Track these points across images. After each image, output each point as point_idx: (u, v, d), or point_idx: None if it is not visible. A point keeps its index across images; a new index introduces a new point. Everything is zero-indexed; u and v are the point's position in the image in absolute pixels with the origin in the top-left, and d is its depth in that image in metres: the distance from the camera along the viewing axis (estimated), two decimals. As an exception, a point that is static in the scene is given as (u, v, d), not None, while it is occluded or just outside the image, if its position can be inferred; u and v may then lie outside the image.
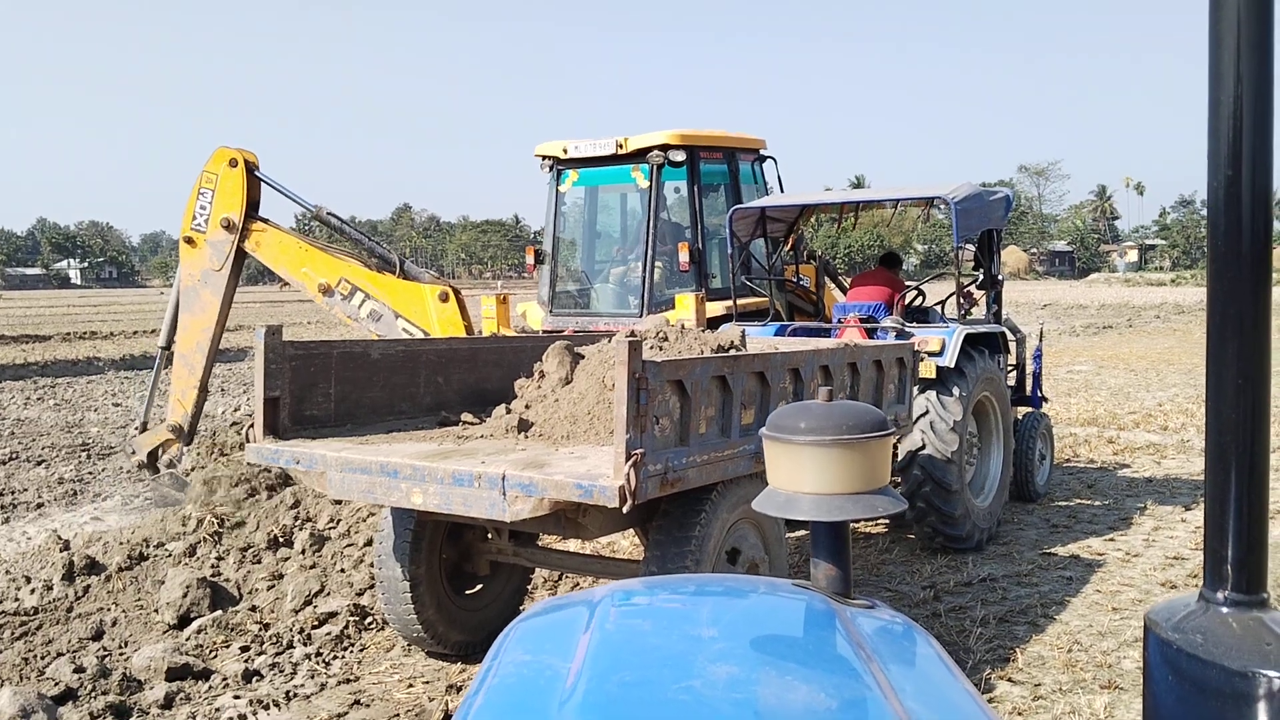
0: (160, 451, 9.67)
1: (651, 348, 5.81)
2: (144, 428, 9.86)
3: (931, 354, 7.75)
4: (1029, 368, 10.30)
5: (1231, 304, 1.55)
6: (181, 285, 9.49)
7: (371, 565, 7.01)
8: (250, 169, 9.33)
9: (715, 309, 9.52)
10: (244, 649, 6.23)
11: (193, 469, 9.48)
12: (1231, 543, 1.56)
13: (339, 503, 8.16)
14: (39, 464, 12.45)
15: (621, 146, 9.89)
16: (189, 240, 9.38)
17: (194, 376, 9.46)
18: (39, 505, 10.38)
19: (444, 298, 9.34)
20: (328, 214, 9.64)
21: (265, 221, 9.47)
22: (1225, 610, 1.57)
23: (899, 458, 7.86)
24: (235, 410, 16.26)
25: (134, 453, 9.83)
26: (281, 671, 5.92)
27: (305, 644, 6.30)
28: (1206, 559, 1.62)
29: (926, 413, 7.78)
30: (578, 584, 7.22)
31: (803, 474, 2.00)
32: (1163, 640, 1.59)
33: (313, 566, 7.38)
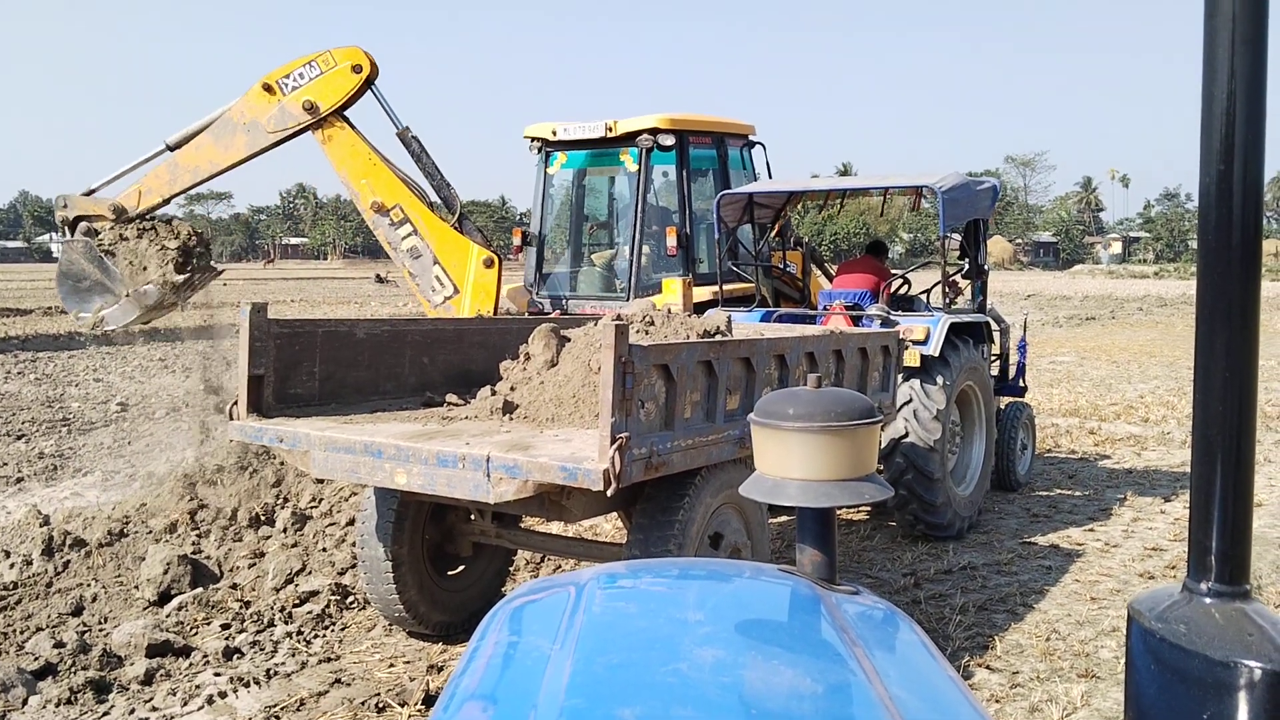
0: (89, 223, 9.21)
1: (638, 332, 5.81)
2: (91, 193, 9.34)
3: (916, 342, 7.78)
4: (1013, 358, 10.34)
5: (1221, 297, 1.56)
6: (228, 115, 9.21)
7: (353, 544, 7.00)
8: (369, 82, 9.22)
9: (702, 294, 9.52)
10: (225, 626, 6.22)
11: (111, 246, 9.10)
12: (1216, 534, 1.58)
13: (321, 482, 8.15)
14: (19, 438, 12.38)
15: (611, 130, 9.86)
16: (267, 88, 9.16)
17: (169, 187, 9.24)
18: (19, 480, 10.32)
19: (489, 264, 9.35)
20: (411, 137, 9.53)
21: (347, 122, 9.31)
22: (1208, 601, 1.58)
23: (882, 445, 7.89)
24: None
25: (65, 206, 9.26)
26: (262, 649, 5.92)
27: (286, 622, 6.29)
28: (1191, 550, 1.63)
29: (910, 401, 7.81)
30: (560, 566, 7.23)
31: (790, 460, 2.00)
32: (1146, 630, 1.60)
33: (294, 545, 7.37)
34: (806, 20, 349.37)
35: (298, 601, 6.57)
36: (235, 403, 5.37)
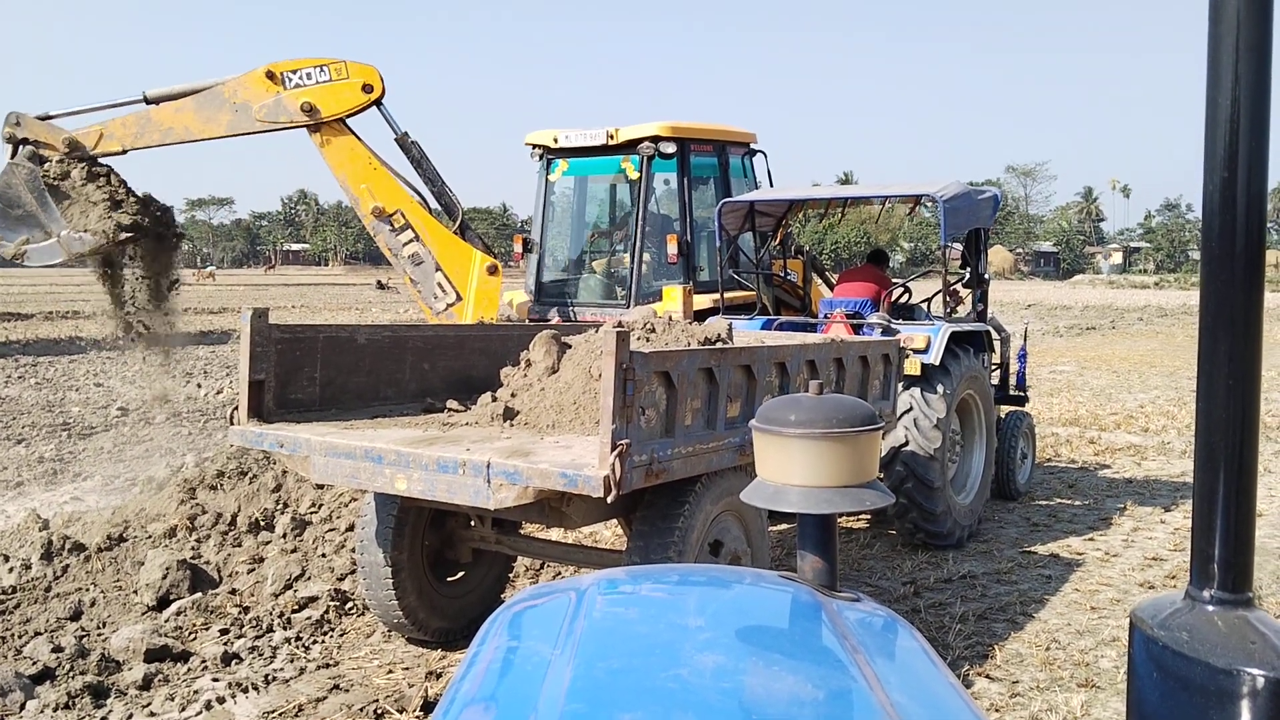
0: (36, 149, 8.74)
1: (639, 339, 5.81)
2: (48, 119, 8.94)
3: (917, 351, 7.78)
4: (1013, 367, 10.34)
5: (1224, 305, 1.56)
6: (220, 89, 8.94)
7: (353, 550, 7.00)
8: (375, 103, 9.13)
9: (703, 302, 9.53)
10: (223, 632, 6.21)
11: (56, 180, 8.73)
12: (1219, 542, 1.57)
13: (321, 487, 8.14)
14: (19, 443, 12.37)
15: (612, 137, 9.87)
16: (270, 76, 8.94)
17: (133, 138, 8.89)
18: (18, 484, 10.32)
19: (492, 270, 9.28)
20: (411, 142, 9.41)
21: (347, 126, 9.19)
22: (1211, 609, 1.58)
23: (882, 453, 7.89)
24: (218, 394, 16.19)
25: (16, 124, 8.74)
26: (261, 655, 5.91)
27: (285, 628, 6.28)
28: (1193, 557, 1.62)
29: (910, 409, 7.81)
30: (559, 573, 7.22)
31: (792, 466, 2.00)
32: (1148, 637, 1.60)
33: (294, 550, 7.36)
34: (807, 29, 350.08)
35: (297, 607, 6.56)
36: (236, 408, 5.37)
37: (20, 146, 8.72)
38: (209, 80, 9.06)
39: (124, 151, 8.92)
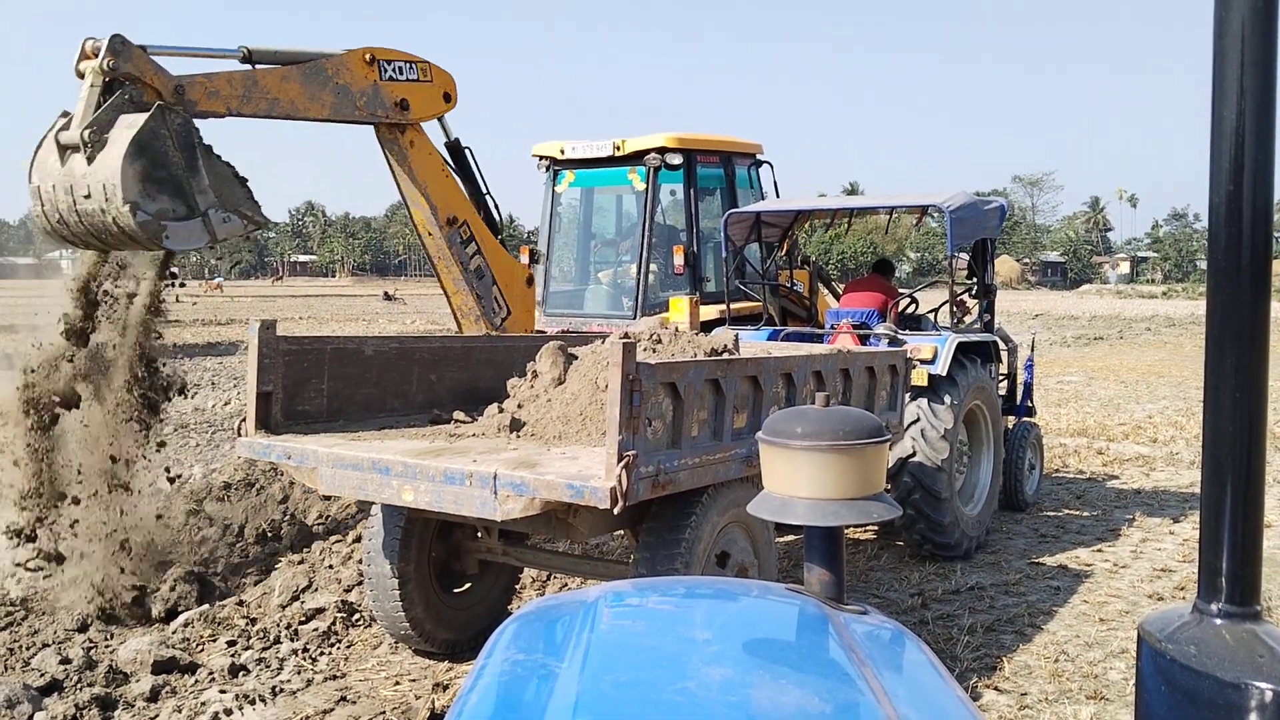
0: (129, 91, 6.74)
1: (645, 350, 5.82)
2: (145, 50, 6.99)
3: (924, 361, 7.77)
4: (1020, 377, 10.33)
5: (1231, 317, 1.56)
6: (323, 63, 7.91)
7: (360, 562, 7.00)
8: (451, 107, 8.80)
9: (709, 312, 9.53)
10: (230, 644, 6.21)
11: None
12: (1226, 555, 1.57)
13: (328, 499, 8.15)
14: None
15: (619, 148, 9.90)
16: (371, 60, 8.14)
17: (239, 102, 7.41)
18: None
19: (530, 282, 9.09)
20: (465, 148, 9.09)
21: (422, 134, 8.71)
22: (1219, 622, 1.58)
23: (889, 464, 7.87)
24: (226, 405, 16.22)
25: (117, 54, 6.69)
26: (268, 667, 5.91)
27: (292, 640, 6.28)
28: (1201, 571, 1.62)
29: (918, 420, 7.80)
30: (566, 584, 7.21)
31: (798, 478, 2.00)
32: (1156, 650, 1.60)
33: (301, 562, 7.37)
34: (813, 40, 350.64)
35: (304, 619, 6.56)
36: (244, 419, 5.38)
37: (114, 85, 6.76)
38: (310, 48, 8.08)
39: (226, 114, 7.44)
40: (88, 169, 6.43)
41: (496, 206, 9.53)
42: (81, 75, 6.72)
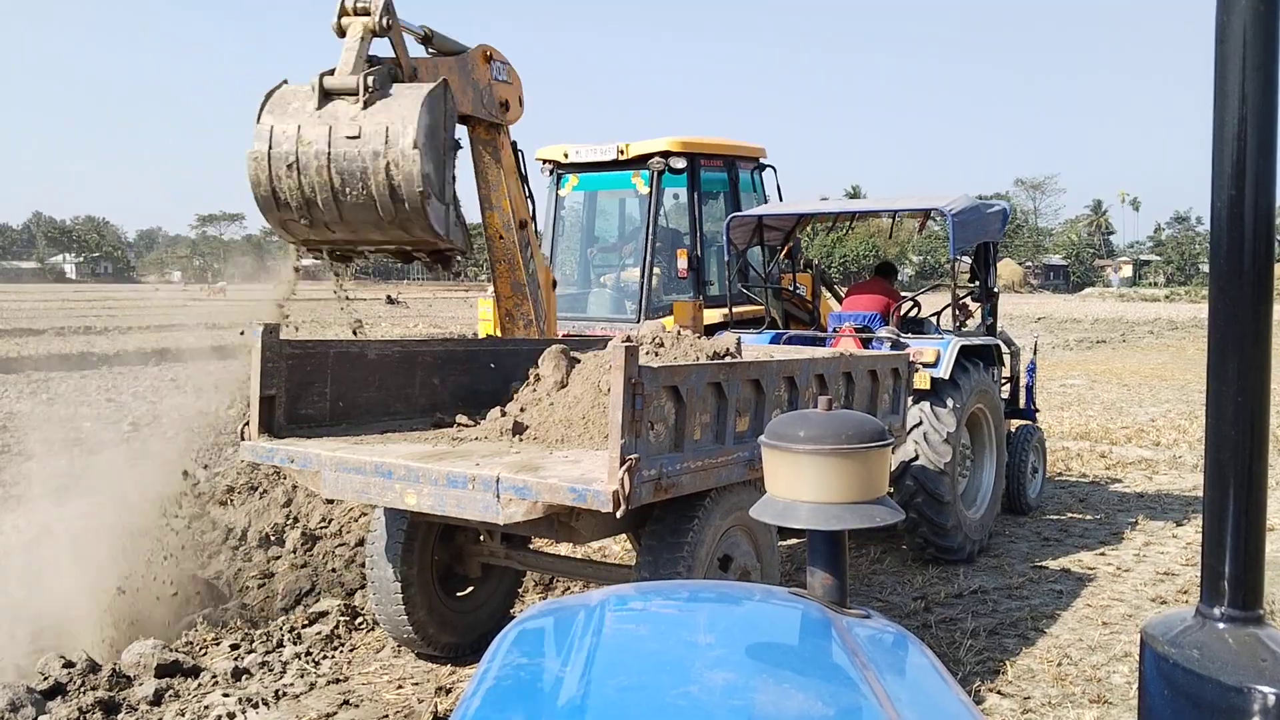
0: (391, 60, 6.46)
1: (648, 353, 5.82)
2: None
3: (926, 365, 7.77)
4: (1023, 381, 10.32)
5: (1233, 322, 1.56)
6: (466, 58, 7.56)
7: (362, 565, 7.00)
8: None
9: (712, 316, 9.53)
10: (234, 647, 6.21)
11: None
12: (1229, 559, 1.57)
13: (330, 502, 8.15)
14: (31, 458, 12.41)
15: (623, 152, 9.91)
16: (487, 56, 7.71)
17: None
18: (30, 499, 10.34)
19: (554, 285, 9.07)
20: (519, 150, 8.69)
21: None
22: (1222, 626, 1.58)
23: (892, 468, 7.87)
24: (229, 408, 16.22)
25: (391, 8, 6.40)
26: (271, 670, 5.91)
27: (295, 643, 6.29)
28: (1204, 575, 1.62)
29: (920, 424, 7.80)
30: (569, 588, 7.21)
31: (801, 482, 2.00)
32: (1159, 654, 1.60)
33: (304, 565, 7.37)
34: (817, 44, 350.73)
35: (307, 622, 6.56)
36: (247, 423, 5.38)
37: (371, 38, 6.40)
38: (458, 41, 7.80)
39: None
40: (361, 112, 6.07)
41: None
42: (342, 32, 6.42)
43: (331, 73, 6.21)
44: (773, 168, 10.95)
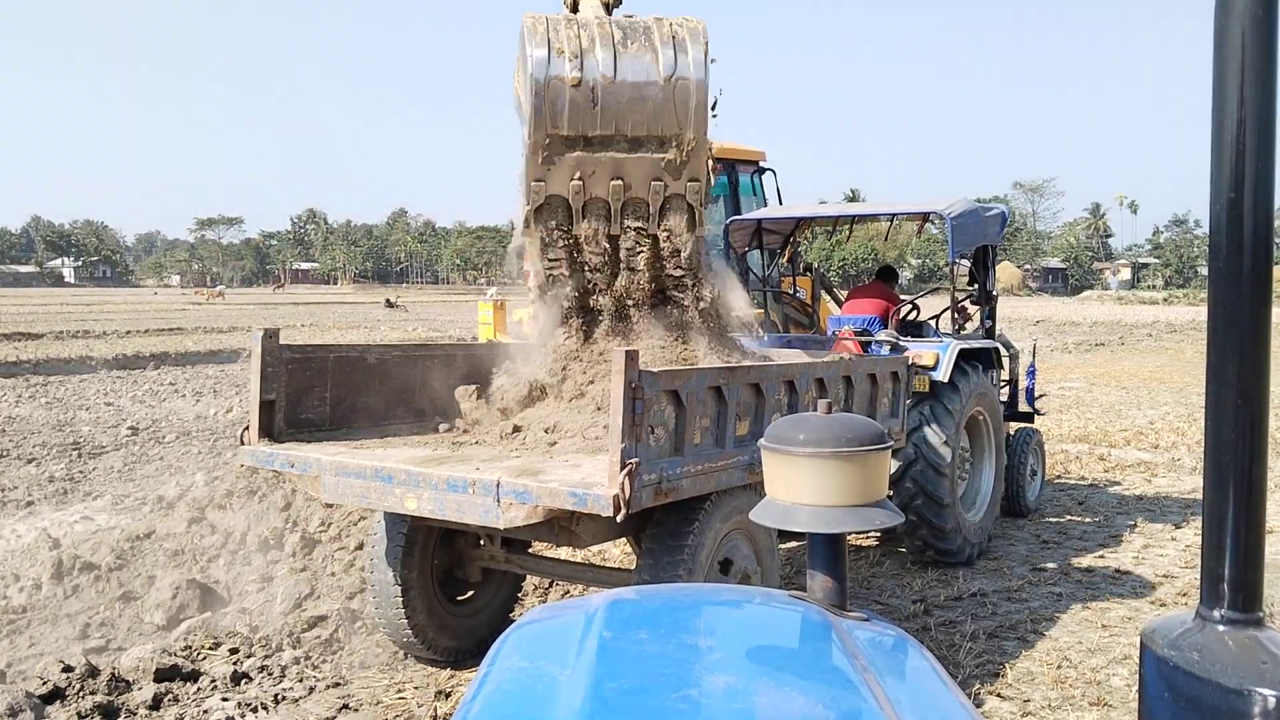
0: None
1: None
2: None
3: (925, 368, 7.77)
4: (1022, 383, 10.32)
5: (1232, 324, 1.57)
6: None
7: (362, 569, 7.00)
8: None
9: (711, 319, 9.51)
10: (233, 651, 6.20)
11: None
12: (1229, 562, 1.58)
13: (330, 506, 8.14)
14: (29, 462, 12.41)
15: (622, 155, 9.88)
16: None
17: None
18: (29, 503, 10.34)
19: None
20: None
21: None
22: (1222, 628, 1.58)
23: (891, 471, 7.87)
24: (228, 413, 16.22)
25: None
26: (270, 674, 5.90)
27: (294, 647, 6.28)
28: (1203, 577, 1.63)
29: (919, 427, 7.80)
30: (569, 592, 7.21)
31: (801, 485, 2.01)
32: (1159, 657, 1.60)
33: (303, 570, 7.36)
34: (815, 47, 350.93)
35: (306, 626, 6.55)
36: (247, 427, 5.38)
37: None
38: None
39: None
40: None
41: None
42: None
43: None
44: (772, 171, 10.96)
